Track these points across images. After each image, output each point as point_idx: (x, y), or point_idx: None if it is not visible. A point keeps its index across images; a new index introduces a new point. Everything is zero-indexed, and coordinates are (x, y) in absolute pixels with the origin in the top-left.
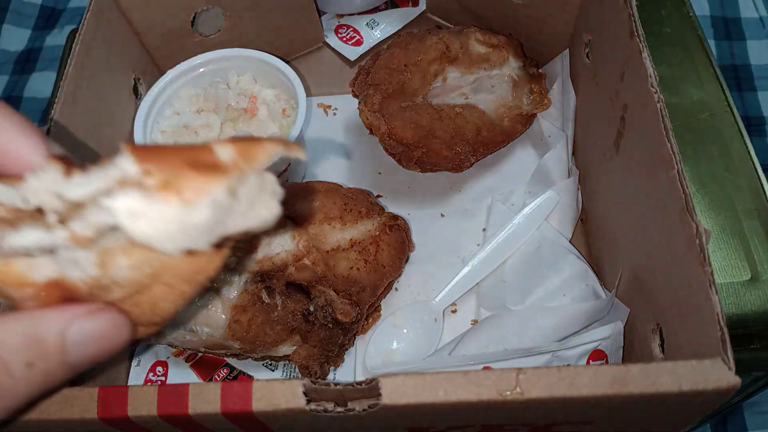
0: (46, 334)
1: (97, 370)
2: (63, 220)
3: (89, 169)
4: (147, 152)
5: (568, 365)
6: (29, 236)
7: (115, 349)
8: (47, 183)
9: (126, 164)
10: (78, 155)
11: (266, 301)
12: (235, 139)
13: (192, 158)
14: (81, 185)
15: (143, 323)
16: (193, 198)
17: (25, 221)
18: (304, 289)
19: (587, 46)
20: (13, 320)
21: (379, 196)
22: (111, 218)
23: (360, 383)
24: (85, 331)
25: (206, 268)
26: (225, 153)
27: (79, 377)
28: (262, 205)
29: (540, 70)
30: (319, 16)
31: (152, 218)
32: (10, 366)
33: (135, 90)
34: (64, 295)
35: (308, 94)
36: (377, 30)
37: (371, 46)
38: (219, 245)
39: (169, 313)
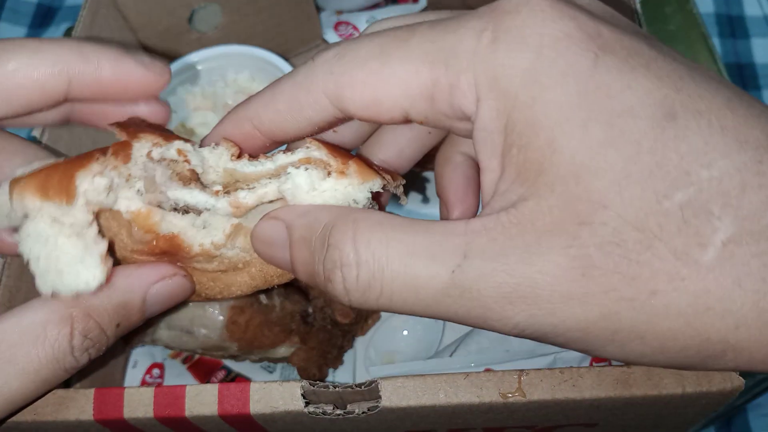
0: (133, 302)
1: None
2: (225, 191)
3: (257, 159)
4: (329, 145)
5: (571, 367)
6: (195, 196)
7: (178, 302)
8: (221, 158)
9: (313, 150)
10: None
11: (264, 303)
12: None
13: (360, 158)
14: (254, 165)
15: (205, 296)
16: (362, 181)
17: (194, 182)
18: (303, 291)
19: None
20: (107, 290)
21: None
22: (285, 186)
23: (359, 385)
24: (160, 293)
25: (285, 276)
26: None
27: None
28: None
29: None
30: (318, 13)
31: (324, 191)
32: (106, 329)
33: None
34: (170, 249)
35: None
36: None
37: None
38: None
39: (231, 297)
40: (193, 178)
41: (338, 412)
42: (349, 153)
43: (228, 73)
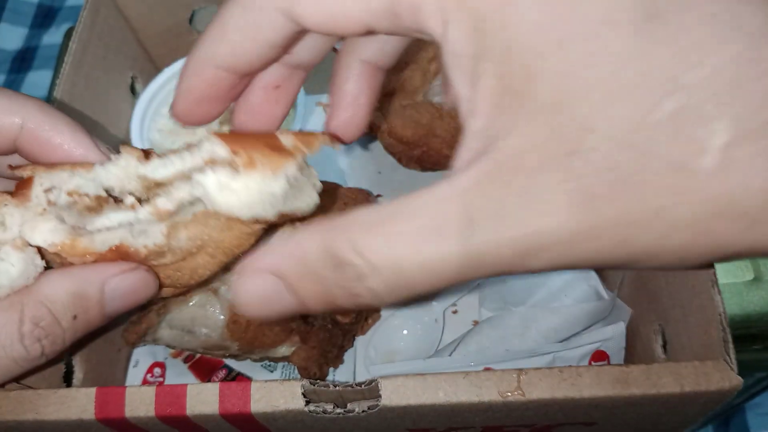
0: (89, 292)
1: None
2: (141, 200)
3: (165, 155)
4: (231, 137)
5: (570, 366)
6: (113, 217)
7: (142, 301)
8: (127, 168)
9: (216, 147)
10: None
11: None
12: (293, 132)
13: (266, 142)
14: (164, 166)
15: (179, 285)
16: (273, 172)
17: (108, 206)
18: None
19: None
20: (60, 279)
21: (379, 195)
22: (197, 192)
23: (360, 384)
24: (119, 287)
25: (244, 243)
26: (287, 140)
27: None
28: (307, 192)
29: None
30: None
31: (237, 190)
32: (60, 319)
33: (132, 88)
34: (119, 257)
35: (307, 92)
36: None
37: None
38: (256, 223)
39: (203, 279)
40: (104, 202)
41: (338, 410)
42: (257, 135)
43: None
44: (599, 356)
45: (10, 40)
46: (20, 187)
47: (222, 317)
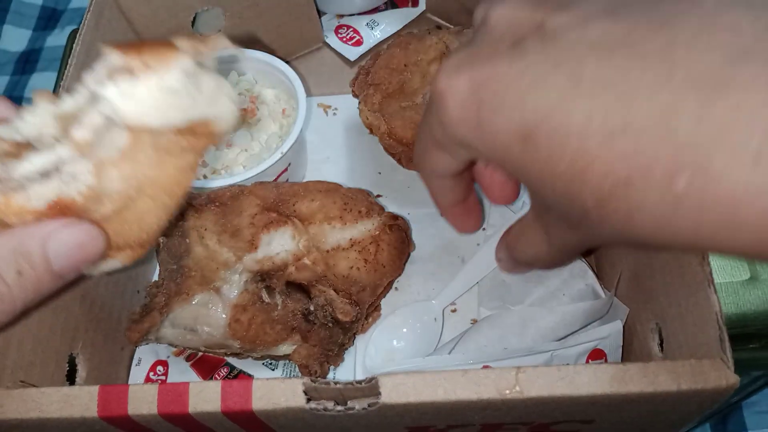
0: (30, 246)
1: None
2: (61, 138)
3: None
4: (127, 46)
5: (568, 364)
6: (35, 160)
7: (94, 258)
8: (43, 113)
9: (112, 58)
10: None
11: (266, 301)
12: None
13: (161, 46)
14: (72, 96)
15: (133, 243)
16: (167, 68)
17: (27, 150)
18: (304, 289)
19: None
20: (1, 237)
21: (379, 195)
22: (105, 110)
23: (360, 382)
24: (63, 241)
25: (183, 180)
26: (182, 43)
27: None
28: (221, 102)
29: None
30: (319, 17)
31: (139, 95)
32: (3, 275)
33: None
34: (61, 214)
35: (308, 94)
36: (377, 30)
37: (371, 46)
38: (193, 165)
39: (153, 229)
40: (24, 148)
41: (339, 408)
42: (153, 42)
43: (230, 75)
44: (597, 354)
45: (15, 41)
46: None
47: (224, 316)
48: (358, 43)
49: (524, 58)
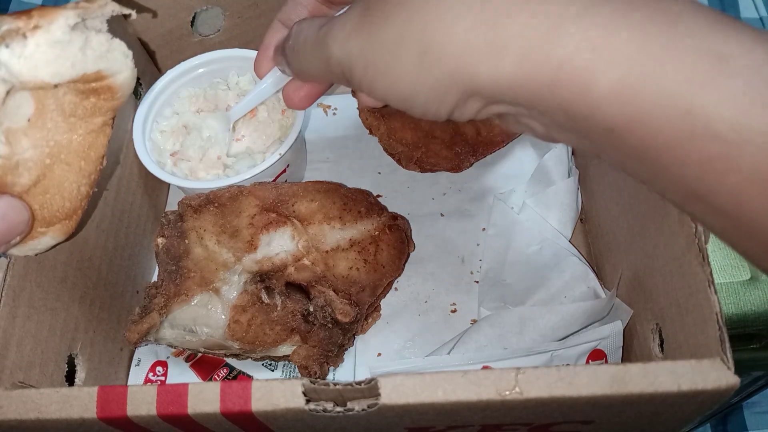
0: None
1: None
2: None
3: None
4: (17, 13)
5: (568, 365)
6: None
7: (19, 229)
8: None
9: (4, 23)
10: None
11: (266, 302)
12: None
13: (51, 9)
14: None
15: (59, 214)
16: (52, 22)
17: None
18: (304, 289)
19: None
20: None
21: (379, 195)
22: (2, 74)
23: (359, 383)
24: None
25: (96, 143)
26: (69, 4)
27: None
28: (115, 58)
29: None
30: None
31: (29, 52)
32: None
33: (134, 90)
34: None
35: None
36: None
37: None
38: (103, 124)
39: (75, 196)
40: None
41: (338, 409)
42: (43, 7)
43: (230, 76)
44: (597, 355)
45: None
46: None
47: (223, 317)
48: None
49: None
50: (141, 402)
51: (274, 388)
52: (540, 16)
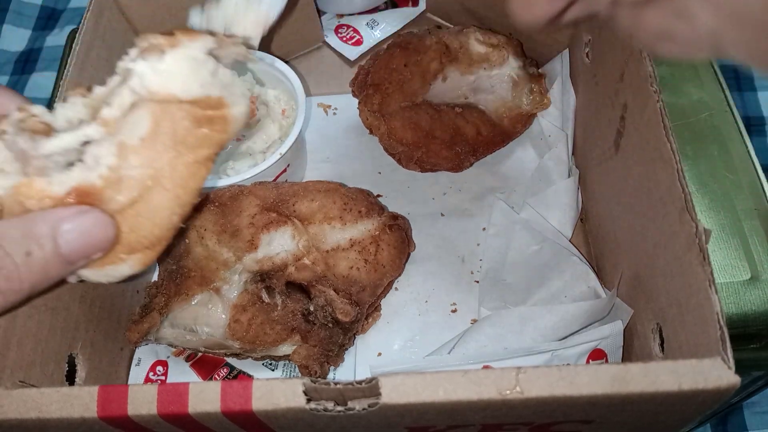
0: (40, 229)
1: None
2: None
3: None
4: (160, 33)
5: (568, 364)
6: (64, 138)
7: (102, 245)
8: (74, 102)
9: (145, 40)
10: None
11: (266, 301)
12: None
13: (191, 31)
14: (103, 87)
15: (145, 241)
16: (191, 43)
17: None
18: (304, 289)
19: (587, 46)
20: (12, 220)
21: (379, 195)
22: (134, 85)
23: (360, 382)
24: (73, 226)
25: (197, 174)
26: (210, 33)
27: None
28: (235, 94)
29: (540, 70)
30: (319, 16)
31: (164, 65)
32: (12, 254)
33: None
34: (79, 201)
35: (308, 94)
36: (377, 30)
37: (371, 46)
38: (207, 159)
39: (165, 224)
40: (51, 128)
41: (339, 408)
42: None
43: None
44: (597, 355)
45: (14, 41)
46: None
47: (224, 316)
48: (358, 42)
49: None
50: (142, 401)
51: (275, 388)
52: None
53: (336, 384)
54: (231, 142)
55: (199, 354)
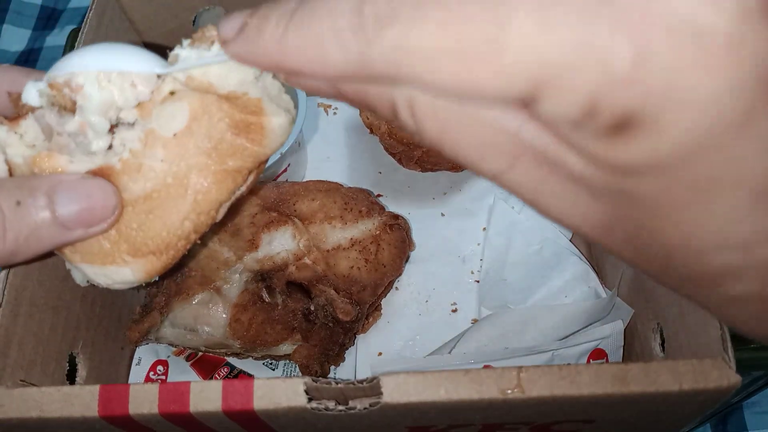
0: (38, 185)
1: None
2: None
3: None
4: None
5: (569, 364)
6: (92, 117)
7: (103, 215)
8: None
9: (197, 33)
10: None
11: (267, 300)
12: None
13: None
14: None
15: (152, 245)
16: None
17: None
18: (305, 289)
19: None
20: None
21: (379, 195)
22: (176, 75)
23: (361, 381)
24: (73, 187)
25: (222, 185)
26: None
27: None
28: (278, 103)
29: None
30: None
31: (211, 55)
32: (1, 204)
33: None
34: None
35: (308, 93)
36: None
37: None
38: (236, 172)
39: (176, 230)
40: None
41: (340, 407)
42: None
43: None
44: (598, 354)
45: (14, 41)
46: (14, 118)
47: (224, 316)
48: None
49: None
50: (143, 400)
51: (276, 387)
52: None
53: (337, 383)
54: (270, 165)
55: (200, 353)
